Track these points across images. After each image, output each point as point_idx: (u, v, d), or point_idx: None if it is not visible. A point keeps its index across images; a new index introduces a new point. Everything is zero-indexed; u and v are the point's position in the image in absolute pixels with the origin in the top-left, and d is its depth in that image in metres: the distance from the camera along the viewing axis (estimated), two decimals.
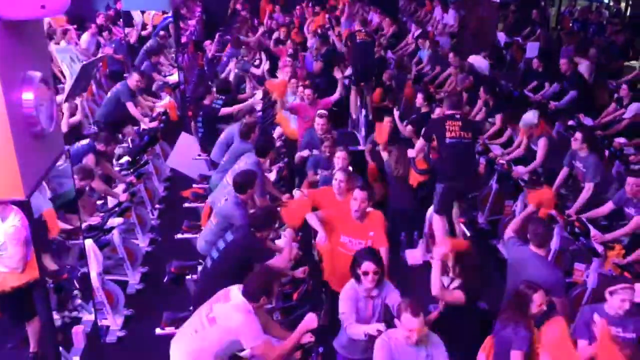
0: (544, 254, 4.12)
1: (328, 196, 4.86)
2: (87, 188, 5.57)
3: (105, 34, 10.96)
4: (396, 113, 7.01)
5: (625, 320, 3.73)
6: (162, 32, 11.04)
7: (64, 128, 6.58)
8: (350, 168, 5.44)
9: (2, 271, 3.70)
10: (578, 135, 5.79)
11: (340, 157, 5.37)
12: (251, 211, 4.75)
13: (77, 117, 7.33)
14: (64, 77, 8.46)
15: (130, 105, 7.62)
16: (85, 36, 10.77)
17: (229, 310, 3.55)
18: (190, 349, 3.60)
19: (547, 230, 4.27)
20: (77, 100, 7.36)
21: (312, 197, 4.87)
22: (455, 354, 3.67)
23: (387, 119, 6.64)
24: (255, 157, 5.52)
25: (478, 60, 9.87)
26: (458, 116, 5.57)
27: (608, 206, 5.29)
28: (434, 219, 5.77)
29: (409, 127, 6.94)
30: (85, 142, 6.14)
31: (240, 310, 3.52)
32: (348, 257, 4.07)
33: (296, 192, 5.18)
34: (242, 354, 3.81)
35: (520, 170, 6.36)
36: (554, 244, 5.48)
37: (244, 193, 4.83)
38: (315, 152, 6.18)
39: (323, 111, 6.63)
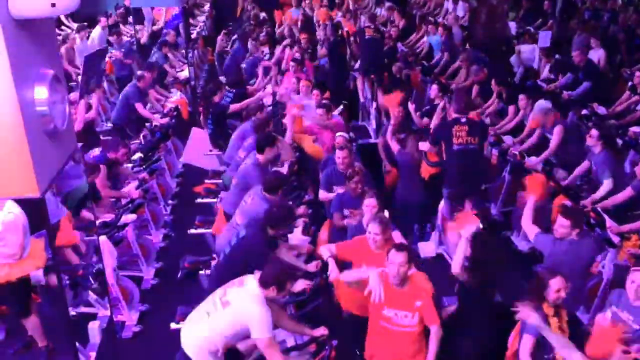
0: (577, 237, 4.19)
1: (361, 249, 4.22)
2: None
3: (114, 37, 10.83)
4: (412, 106, 6.97)
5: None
6: (170, 31, 11.01)
7: (79, 125, 6.60)
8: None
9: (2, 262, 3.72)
10: (594, 132, 5.65)
11: (369, 205, 4.57)
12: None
13: (92, 113, 7.35)
14: (77, 75, 8.53)
15: (139, 107, 7.66)
16: (97, 30, 10.82)
17: (243, 297, 3.59)
18: (202, 333, 3.64)
19: (579, 214, 4.41)
20: (93, 98, 7.39)
21: (342, 253, 4.26)
22: (468, 346, 3.67)
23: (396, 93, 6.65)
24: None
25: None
26: (464, 120, 5.56)
27: (627, 192, 5.23)
28: (449, 227, 5.74)
29: (425, 119, 6.91)
30: (96, 151, 6.16)
31: (255, 300, 3.55)
32: (392, 333, 3.71)
33: (323, 251, 4.35)
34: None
35: (533, 160, 6.31)
36: None
37: (271, 194, 4.78)
38: (338, 189, 5.40)
39: (342, 135, 6.01)
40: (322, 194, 5.59)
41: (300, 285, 4.27)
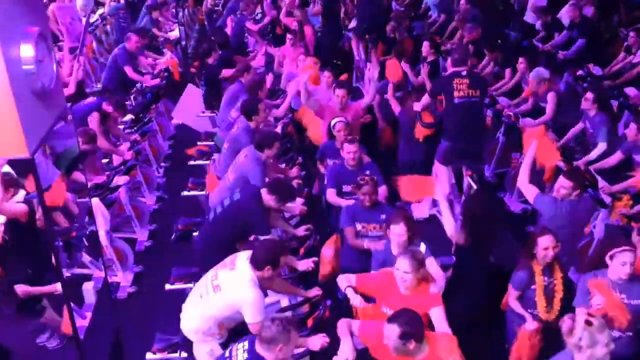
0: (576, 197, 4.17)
1: (388, 285, 3.54)
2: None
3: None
4: (405, 66, 6.86)
5: (630, 285, 3.45)
6: None
7: (72, 88, 6.47)
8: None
9: None
10: (589, 95, 5.64)
11: (396, 232, 3.77)
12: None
13: (80, 73, 7.20)
14: (62, 34, 8.32)
15: (128, 70, 7.48)
16: None
17: (234, 280, 3.49)
18: (196, 314, 3.59)
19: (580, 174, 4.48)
20: (81, 58, 7.24)
21: (363, 287, 3.66)
22: (463, 305, 3.72)
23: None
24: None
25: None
26: (465, 73, 5.49)
27: (617, 156, 5.24)
28: (437, 167, 5.73)
29: (420, 77, 6.84)
30: (92, 99, 6.06)
31: (247, 284, 3.44)
32: None
33: (342, 281, 3.72)
34: None
35: (527, 122, 6.28)
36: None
37: (262, 152, 4.77)
38: (345, 188, 4.85)
39: (341, 120, 5.36)
40: (331, 195, 4.90)
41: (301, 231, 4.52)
